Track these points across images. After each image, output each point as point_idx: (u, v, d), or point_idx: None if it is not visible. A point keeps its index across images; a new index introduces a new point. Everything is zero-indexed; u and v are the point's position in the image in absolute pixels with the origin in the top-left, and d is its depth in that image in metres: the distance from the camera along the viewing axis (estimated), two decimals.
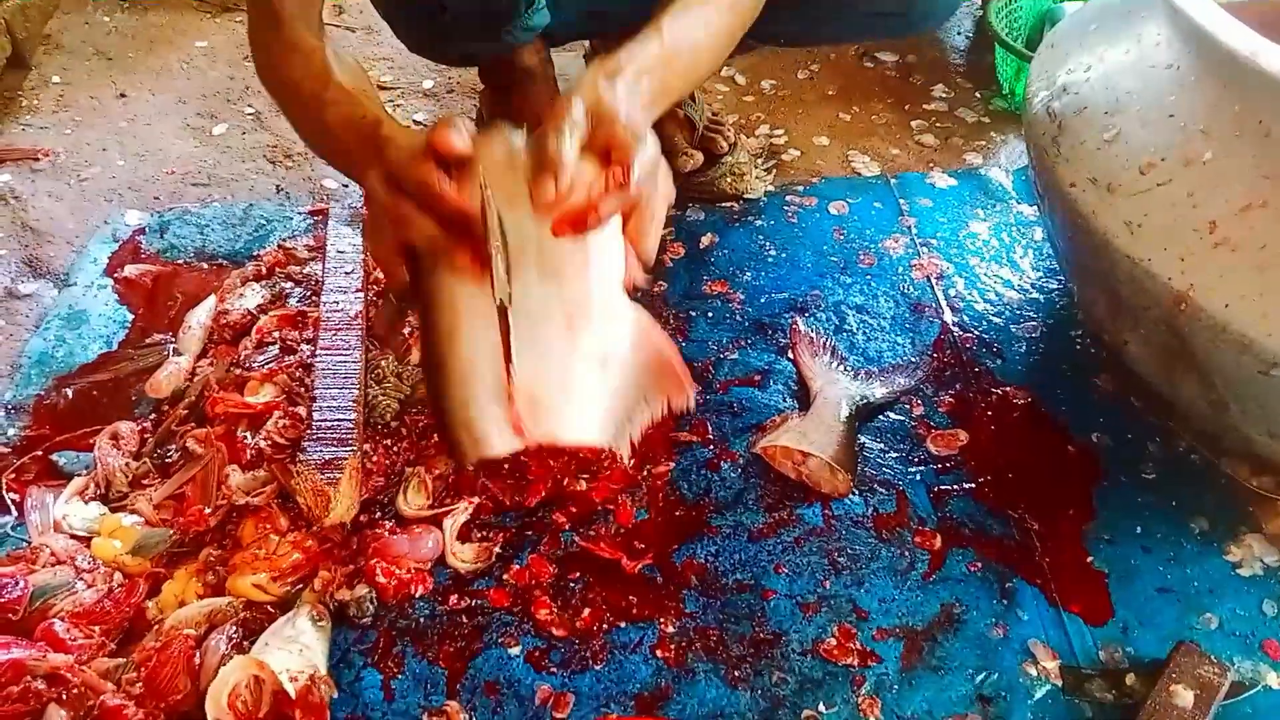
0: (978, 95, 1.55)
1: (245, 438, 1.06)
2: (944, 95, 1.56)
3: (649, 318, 0.77)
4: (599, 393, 0.73)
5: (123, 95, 1.62)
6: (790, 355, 1.15)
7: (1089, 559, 0.98)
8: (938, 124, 1.51)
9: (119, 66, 1.68)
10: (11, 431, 1.12)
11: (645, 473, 1.05)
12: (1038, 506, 1.02)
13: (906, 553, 0.99)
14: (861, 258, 1.28)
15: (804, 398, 1.11)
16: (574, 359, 0.72)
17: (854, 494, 1.03)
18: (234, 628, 0.92)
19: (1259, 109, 0.85)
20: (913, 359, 1.15)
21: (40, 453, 1.10)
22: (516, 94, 1.29)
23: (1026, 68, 1.43)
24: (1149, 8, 1.00)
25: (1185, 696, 0.85)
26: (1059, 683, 0.89)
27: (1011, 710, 0.87)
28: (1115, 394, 1.12)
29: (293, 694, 0.83)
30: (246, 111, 1.58)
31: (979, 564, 0.98)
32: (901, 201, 1.36)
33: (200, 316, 1.21)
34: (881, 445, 1.08)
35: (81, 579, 0.97)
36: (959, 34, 1.69)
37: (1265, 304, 0.84)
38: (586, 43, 1.50)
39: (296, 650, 0.87)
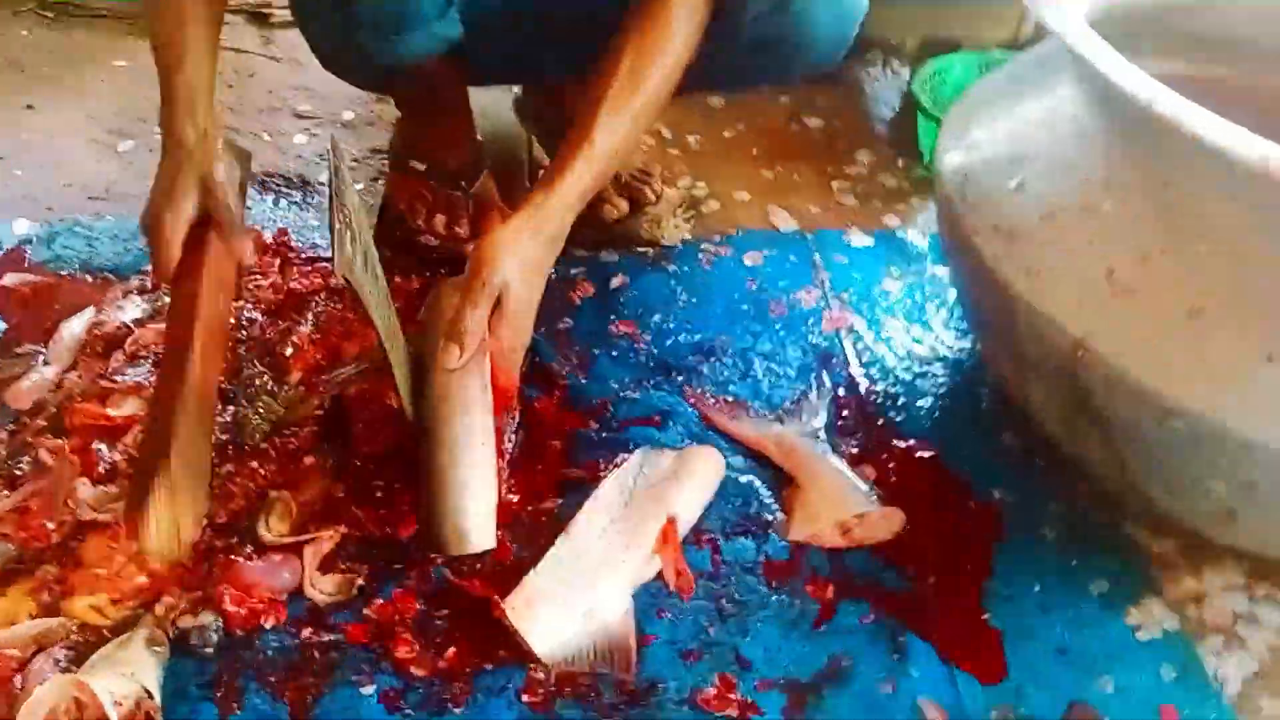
0: (900, 163, 1.56)
1: (101, 451, 0.99)
2: (866, 160, 1.56)
3: None
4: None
5: (30, 107, 1.56)
6: (709, 425, 1.10)
7: (985, 616, 0.94)
8: (859, 187, 1.51)
9: (31, 78, 1.63)
10: None
11: (528, 508, 1.00)
12: (936, 562, 0.98)
13: (798, 601, 0.94)
14: (773, 307, 1.26)
15: (763, 460, 1.06)
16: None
17: (745, 539, 0.99)
18: (63, 651, 0.84)
19: (1157, 159, 0.85)
20: (813, 399, 1.12)
21: None
22: (431, 126, 1.26)
23: None
24: (1057, 66, 1.01)
25: None
26: None
27: None
28: (1019, 452, 1.09)
29: (114, 715, 0.75)
30: (157, 131, 1.53)
31: (871, 616, 0.93)
32: (817, 256, 1.35)
33: (75, 327, 1.15)
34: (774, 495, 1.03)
35: None
36: (885, 105, 1.71)
37: (1162, 353, 0.82)
38: (517, 93, 1.49)
39: (126, 674, 0.79)
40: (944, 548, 0.99)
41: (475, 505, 0.91)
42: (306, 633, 0.88)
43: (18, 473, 0.99)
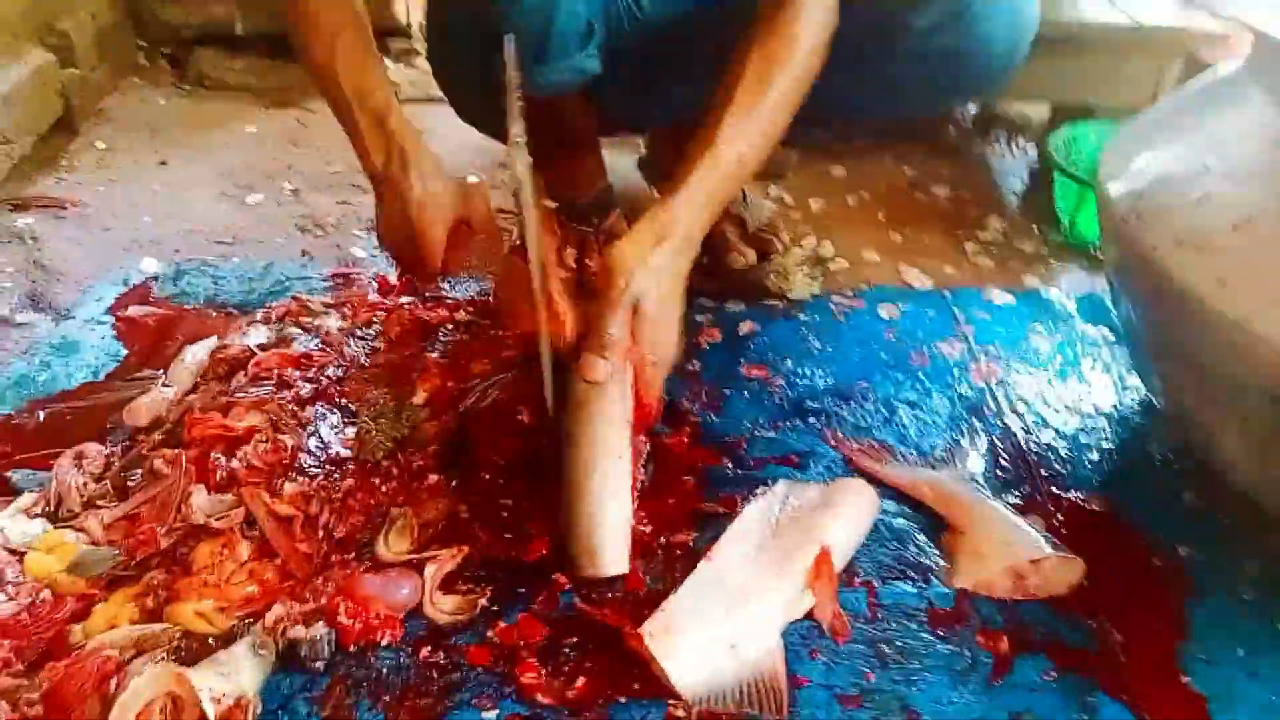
0: (1035, 229, 1.49)
1: (219, 460, 0.94)
2: (999, 226, 1.50)
3: None
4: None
5: (163, 163, 1.60)
6: (854, 467, 1.01)
7: (1185, 679, 0.82)
8: (994, 250, 1.45)
9: (165, 139, 1.68)
10: None
11: (662, 540, 0.92)
12: (1121, 618, 0.87)
13: (967, 652, 0.83)
14: (913, 358, 1.18)
15: (928, 512, 0.97)
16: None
17: (904, 583, 0.89)
18: (164, 655, 0.78)
19: None
20: (968, 447, 1.03)
21: None
22: (563, 166, 1.24)
23: (1089, 196, 1.37)
24: (1231, 90, 0.95)
25: None
26: None
27: None
28: (1202, 509, 0.98)
29: (211, 717, 0.68)
30: (285, 188, 1.55)
31: (1054, 673, 0.82)
32: (957, 311, 1.27)
33: (198, 352, 1.13)
34: (933, 540, 0.94)
35: (3, 591, 0.83)
36: (1014, 177, 1.66)
37: None
38: (641, 146, 1.48)
39: (226, 673, 0.73)
40: (1130, 604, 0.88)
41: (609, 519, 0.84)
42: (425, 652, 0.81)
43: (130, 484, 0.95)
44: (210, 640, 0.80)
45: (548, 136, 1.23)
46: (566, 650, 0.81)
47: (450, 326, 1.14)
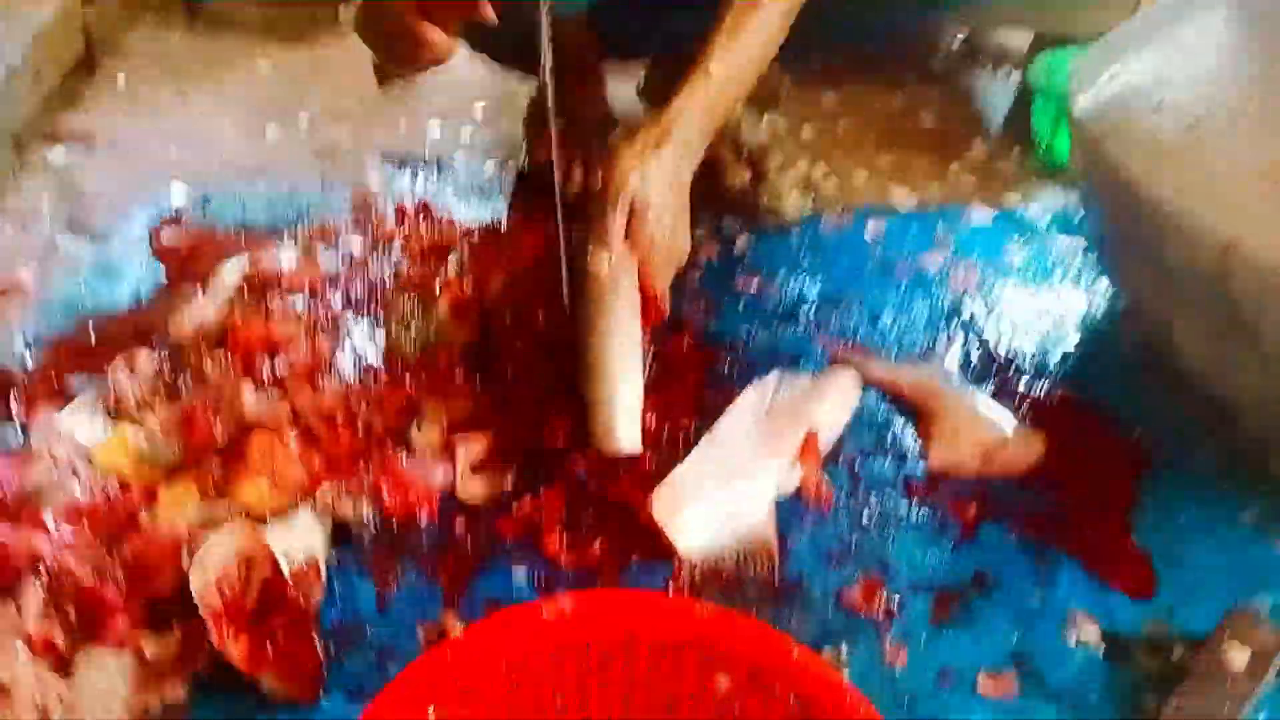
0: (1016, 151, 1.57)
1: (264, 363, 1.04)
2: (982, 149, 1.58)
3: None
4: None
5: (183, 97, 1.67)
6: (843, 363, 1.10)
7: (1132, 539, 0.92)
8: (977, 171, 1.53)
9: (183, 75, 1.74)
10: (29, 359, 1.11)
11: (667, 427, 1.01)
12: (1079, 489, 0.97)
13: (938, 518, 0.94)
14: (898, 268, 1.27)
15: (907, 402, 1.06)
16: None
17: (883, 460, 0.99)
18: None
19: None
20: (945, 345, 1.13)
21: (53, 376, 1.08)
22: (566, 85, 1.31)
23: (1066, 120, 1.45)
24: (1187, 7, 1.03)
25: (1238, 658, 0.78)
26: (1100, 649, 0.83)
27: (1049, 671, 0.81)
28: (1163, 395, 1.07)
29: (287, 571, 0.78)
30: (301, 118, 1.62)
31: (1015, 535, 0.92)
32: (939, 226, 1.36)
33: (233, 268, 1.21)
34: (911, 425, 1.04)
35: (77, 481, 0.93)
36: (997, 104, 1.72)
37: None
38: (642, 75, 1.55)
39: (294, 536, 0.83)
40: (1088, 477, 0.98)
41: (622, 401, 0.93)
42: (458, 524, 0.91)
43: (180, 386, 1.05)
44: (267, 516, 0.90)
45: (553, 60, 1.32)
46: (584, 521, 0.92)
47: (465, 248, 1.22)
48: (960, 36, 1.89)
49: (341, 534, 0.90)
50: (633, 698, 0.70)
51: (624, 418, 0.94)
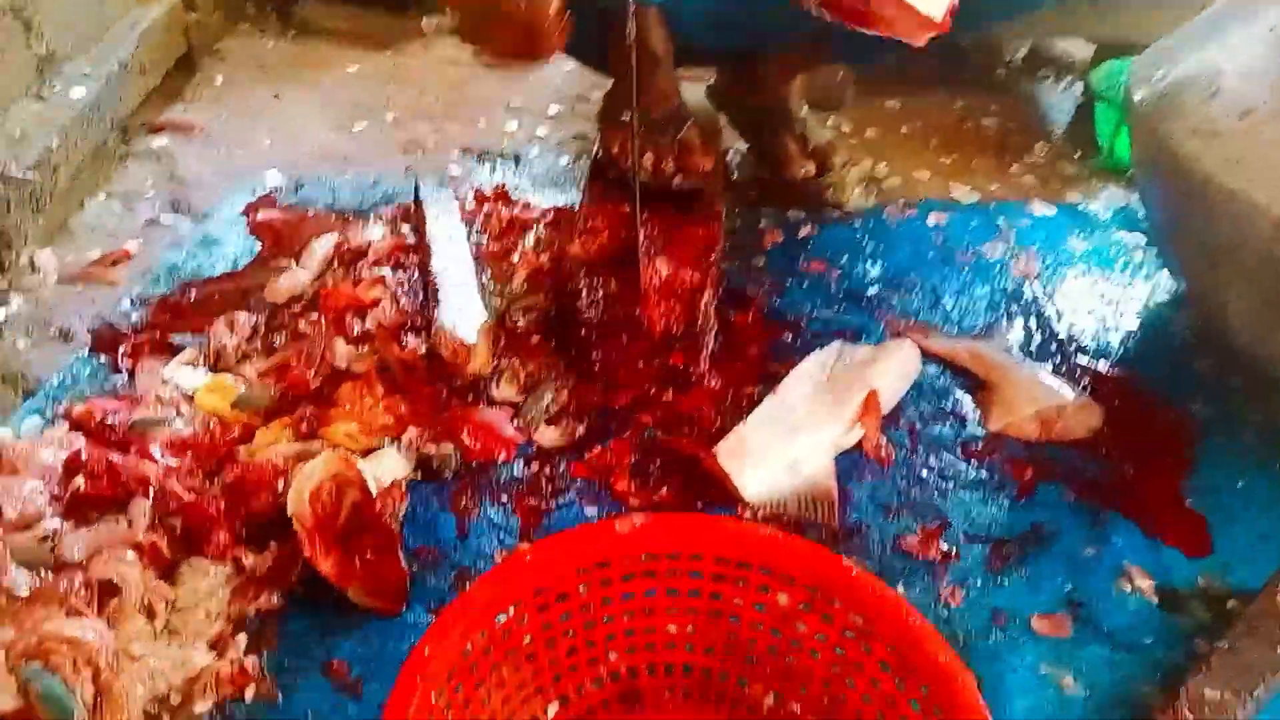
0: (1077, 155, 1.60)
1: (353, 324, 1.10)
2: (1044, 152, 1.61)
3: None
4: None
5: (276, 96, 1.77)
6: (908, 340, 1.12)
7: (1187, 502, 0.94)
8: (1038, 171, 1.56)
9: (276, 76, 1.84)
10: (135, 317, 1.19)
11: (731, 392, 1.06)
12: (1134, 457, 0.99)
13: (995, 478, 0.97)
14: (959, 256, 1.31)
15: (966, 374, 1.10)
16: None
17: (942, 426, 1.02)
18: None
19: None
20: (1004, 325, 1.16)
21: (158, 334, 1.16)
22: (640, 79, 1.37)
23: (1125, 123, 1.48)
24: (1247, 3, 1.06)
25: None
26: (1154, 599, 0.85)
27: (1103, 616, 0.83)
28: (1215, 374, 1.10)
29: (374, 491, 0.84)
30: (387, 117, 1.71)
31: (1071, 495, 0.95)
32: (1000, 220, 1.39)
33: (324, 243, 1.29)
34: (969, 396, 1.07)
35: (181, 419, 1.00)
36: (1059, 111, 1.76)
37: None
38: (713, 77, 1.61)
39: (384, 466, 0.89)
40: (1143, 446, 1.01)
41: None
42: (534, 467, 0.96)
43: (276, 344, 1.12)
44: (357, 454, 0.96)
45: (627, 66, 1.38)
46: (651, 469, 0.96)
47: (542, 225, 1.28)
48: (1023, 49, 1.93)
49: (426, 472, 0.95)
50: (699, 609, 0.74)
51: None
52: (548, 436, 0.99)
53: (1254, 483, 0.96)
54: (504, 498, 0.93)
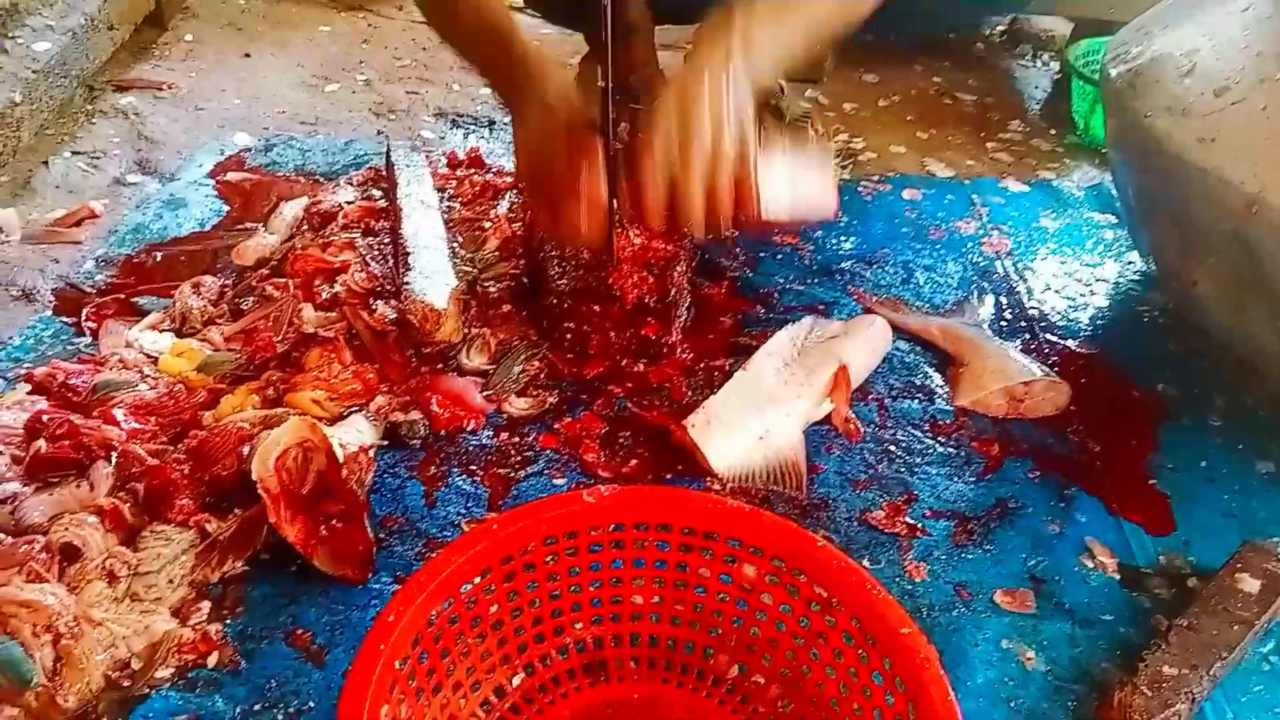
0: (1053, 132, 1.60)
1: (322, 289, 1.09)
2: (1019, 129, 1.61)
3: None
4: None
5: (247, 55, 1.74)
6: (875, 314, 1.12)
7: (1151, 481, 0.95)
8: (1013, 148, 1.56)
9: (247, 35, 1.81)
10: (99, 278, 1.17)
11: (702, 364, 1.06)
12: (1100, 435, 1.00)
13: (963, 453, 0.97)
14: (931, 231, 1.31)
15: (935, 349, 1.10)
16: None
17: (911, 401, 1.03)
18: None
19: None
20: (975, 301, 1.16)
21: (122, 296, 1.14)
22: (616, 45, 1.36)
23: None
24: None
25: (1250, 584, 0.81)
26: (1116, 576, 0.86)
27: (1065, 592, 0.84)
28: (1184, 355, 1.11)
29: (341, 457, 0.83)
30: (359, 78, 1.69)
31: (1037, 472, 0.96)
32: (974, 196, 1.40)
33: (294, 206, 1.27)
34: (939, 372, 1.07)
35: (145, 383, 0.99)
36: (1036, 88, 1.76)
37: None
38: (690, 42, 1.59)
39: (352, 432, 0.88)
40: (1110, 424, 1.01)
41: None
42: (503, 436, 0.96)
43: (243, 308, 1.10)
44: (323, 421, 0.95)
45: (605, 35, 1.36)
46: (621, 439, 0.96)
47: (515, 193, 1.27)
48: (1001, 25, 1.92)
49: (393, 440, 0.94)
50: (666, 580, 0.74)
51: None
52: (517, 406, 0.99)
53: (1217, 463, 0.98)
54: (473, 467, 0.92)
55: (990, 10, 1.74)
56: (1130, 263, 1.26)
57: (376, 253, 1.14)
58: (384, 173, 1.35)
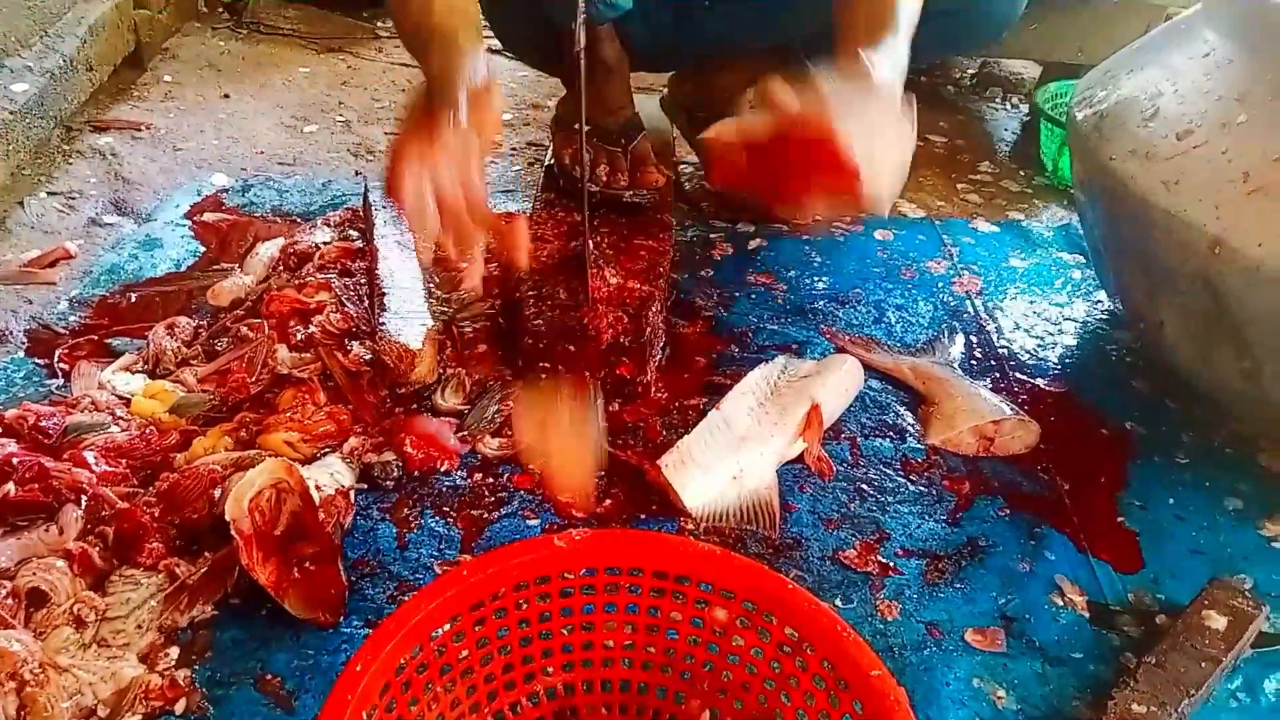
0: (1022, 173, 1.63)
1: (297, 330, 1.09)
2: (989, 170, 1.64)
3: None
4: None
5: (226, 96, 1.75)
6: (849, 353, 1.14)
7: (1120, 519, 0.96)
8: (983, 189, 1.59)
9: (226, 76, 1.82)
10: (73, 319, 1.17)
11: (676, 403, 1.06)
12: (1070, 474, 1.01)
13: (934, 492, 0.98)
14: (903, 271, 1.33)
15: (907, 388, 1.11)
16: None
17: (883, 439, 1.04)
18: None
19: None
20: (946, 340, 1.18)
21: (96, 337, 1.14)
22: (592, 89, 1.37)
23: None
24: (1185, 27, 1.09)
25: (1218, 621, 0.82)
26: (1086, 614, 0.86)
27: (1036, 630, 0.85)
28: (1151, 394, 1.12)
29: (317, 500, 0.83)
30: (338, 119, 1.70)
31: (1007, 510, 0.96)
32: (945, 237, 1.42)
33: (270, 247, 1.27)
34: (910, 410, 1.08)
35: (117, 425, 0.98)
36: (1006, 130, 1.79)
37: None
38: (664, 88, 1.62)
39: (328, 473, 0.88)
40: (1079, 462, 1.03)
41: None
42: (477, 477, 0.96)
43: (218, 349, 1.10)
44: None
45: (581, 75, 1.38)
46: (597, 480, 0.96)
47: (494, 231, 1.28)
48: (971, 69, 1.96)
49: (367, 481, 0.94)
50: (637, 625, 0.74)
51: None
52: (491, 446, 0.99)
53: (1185, 500, 0.99)
54: (446, 508, 0.92)
55: (948, 54, 1.77)
56: (1098, 302, 1.28)
57: (352, 293, 1.14)
58: (361, 213, 1.36)
